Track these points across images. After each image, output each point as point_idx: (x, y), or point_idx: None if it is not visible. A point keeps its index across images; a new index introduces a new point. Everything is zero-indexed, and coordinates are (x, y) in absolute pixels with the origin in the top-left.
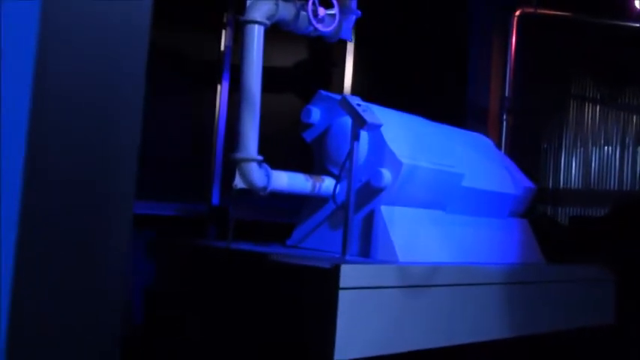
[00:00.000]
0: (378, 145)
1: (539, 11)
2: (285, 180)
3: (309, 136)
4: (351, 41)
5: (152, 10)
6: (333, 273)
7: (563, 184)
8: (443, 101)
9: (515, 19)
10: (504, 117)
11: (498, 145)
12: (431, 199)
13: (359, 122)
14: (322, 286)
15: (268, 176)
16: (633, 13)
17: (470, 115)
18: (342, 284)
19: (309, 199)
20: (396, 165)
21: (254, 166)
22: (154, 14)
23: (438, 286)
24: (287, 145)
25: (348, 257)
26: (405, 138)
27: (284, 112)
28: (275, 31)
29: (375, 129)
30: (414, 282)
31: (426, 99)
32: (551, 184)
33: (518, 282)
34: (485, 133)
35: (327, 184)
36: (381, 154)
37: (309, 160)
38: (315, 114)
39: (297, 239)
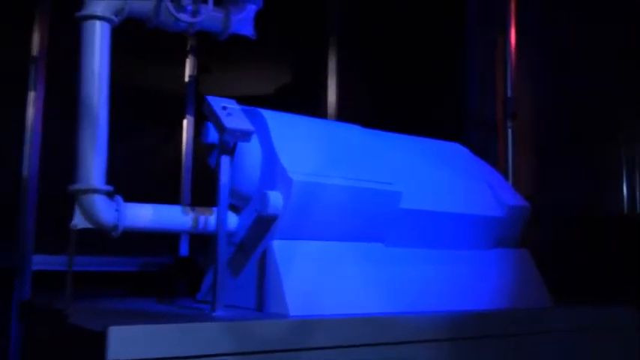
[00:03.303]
0: (272, 161)
1: None
2: (147, 214)
3: (213, 160)
4: (253, 37)
5: None
6: (100, 339)
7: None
8: (439, 112)
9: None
10: (508, 123)
11: (503, 157)
12: (357, 227)
13: (219, 129)
14: (92, 357)
15: (119, 211)
16: None
17: (471, 125)
18: (110, 355)
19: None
20: (287, 183)
21: (98, 199)
22: None
23: (311, 350)
24: None
25: (218, 313)
26: (318, 151)
27: None
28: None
29: (242, 138)
30: (263, 346)
31: (419, 112)
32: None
33: (486, 335)
34: (495, 144)
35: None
36: (273, 173)
37: None
38: (215, 132)
39: (205, 291)
